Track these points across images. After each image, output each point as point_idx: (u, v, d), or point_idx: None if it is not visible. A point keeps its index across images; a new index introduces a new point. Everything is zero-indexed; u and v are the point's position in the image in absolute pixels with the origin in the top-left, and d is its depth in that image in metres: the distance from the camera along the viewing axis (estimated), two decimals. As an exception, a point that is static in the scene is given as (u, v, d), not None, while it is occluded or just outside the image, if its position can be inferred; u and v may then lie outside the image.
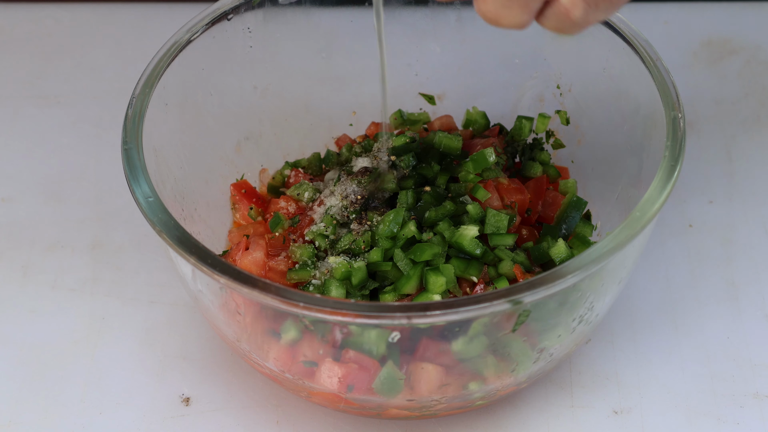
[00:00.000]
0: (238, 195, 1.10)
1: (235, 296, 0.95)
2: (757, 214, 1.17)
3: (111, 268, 1.15)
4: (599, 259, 0.92)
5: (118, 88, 1.27)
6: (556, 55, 1.12)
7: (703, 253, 1.15)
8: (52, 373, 1.08)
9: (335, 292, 0.99)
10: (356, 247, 1.01)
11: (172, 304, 1.12)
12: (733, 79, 1.29)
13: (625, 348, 1.08)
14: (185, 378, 1.07)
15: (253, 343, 0.98)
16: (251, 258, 1.02)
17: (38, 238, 1.17)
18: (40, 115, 1.28)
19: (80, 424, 1.05)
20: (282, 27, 1.12)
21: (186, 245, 0.93)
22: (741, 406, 1.04)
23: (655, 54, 1.03)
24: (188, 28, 1.07)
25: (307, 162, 1.13)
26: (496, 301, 0.89)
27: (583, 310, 0.97)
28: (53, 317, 1.11)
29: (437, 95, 1.17)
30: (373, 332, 0.93)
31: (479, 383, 0.97)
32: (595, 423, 1.04)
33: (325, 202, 1.05)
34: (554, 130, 1.13)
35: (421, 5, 1.14)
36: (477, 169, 1.05)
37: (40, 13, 1.37)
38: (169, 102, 1.05)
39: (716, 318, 1.10)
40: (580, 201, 1.07)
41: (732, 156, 1.22)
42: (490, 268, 1.01)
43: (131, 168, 0.98)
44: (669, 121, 0.99)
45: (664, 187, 0.96)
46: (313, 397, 1.00)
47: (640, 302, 1.11)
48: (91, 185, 1.21)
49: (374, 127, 1.14)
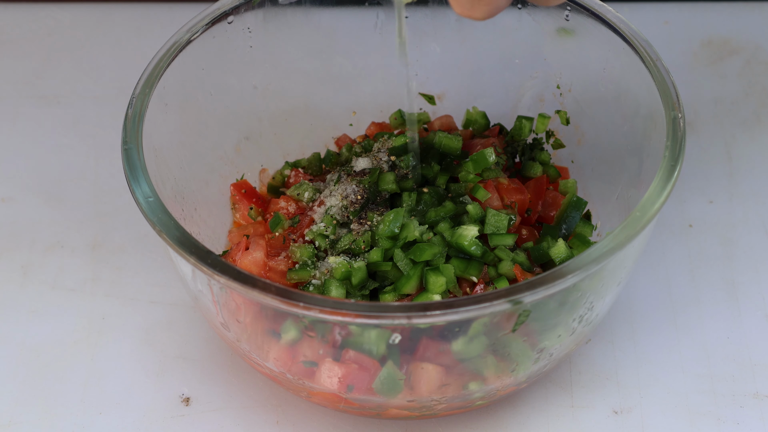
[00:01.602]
0: (238, 195, 1.10)
1: (235, 296, 0.95)
2: (757, 214, 1.17)
3: (111, 268, 1.15)
4: (599, 259, 0.92)
5: (118, 88, 1.27)
6: (556, 55, 1.12)
7: (703, 253, 1.15)
8: (52, 373, 1.08)
9: (335, 292, 0.99)
10: (356, 247, 1.01)
11: (172, 304, 1.12)
12: (733, 79, 1.29)
13: (625, 348, 1.08)
14: (185, 378, 1.07)
15: (253, 343, 0.98)
16: (251, 258, 1.02)
17: (38, 238, 1.17)
18: (40, 115, 1.28)
19: (80, 424, 1.05)
20: (282, 27, 1.12)
21: (186, 245, 0.93)
22: (741, 406, 1.04)
23: (655, 54, 1.03)
24: (188, 28, 1.07)
25: (307, 162, 1.13)
26: (496, 301, 0.89)
27: (583, 310, 0.97)
28: (53, 317, 1.11)
29: (437, 95, 1.17)
30: (373, 332, 0.93)
31: (479, 383, 0.97)
32: (595, 423, 1.04)
33: (325, 202, 1.05)
34: (554, 130, 1.13)
35: (421, 5, 1.14)
36: (477, 169, 1.05)
37: (40, 13, 1.37)
38: (169, 102, 1.05)
39: (716, 318, 1.10)
40: (580, 201, 1.07)
41: (732, 156, 1.22)
42: (490, 268, 1.01)
43: (131, 168, 0.98)
44: (669, 121, 0.99)
45: (664, 187, 0.96)
46: (313, 397, 1.00)
47: (640, 302, 1.11)
48: (91, 185, 1.21)
49: (374, 127, 1.14)
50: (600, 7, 1.06)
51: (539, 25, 1.11)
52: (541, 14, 1.10)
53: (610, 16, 1.06)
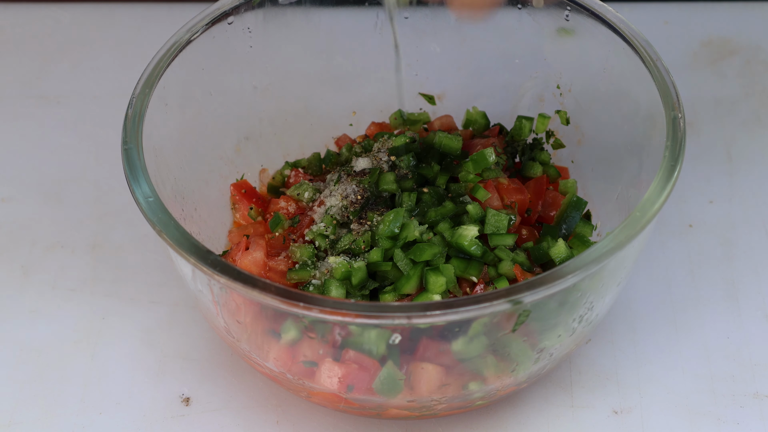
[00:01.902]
0: (238, 195, 1.10)
1: (235, 296, 0.95)
2: (757, 214, 1.17)
3: (111, 268, 1.15)
4: (599, 259, 0.92)
5: (118, 88, 1.27)
6: (556, 55, 1.12)
7: (703, 253, 1.15)
8: (52, 373, 1.08)
9: (335, 292, 0.99)
10: (356, 247, 1.01)
11: (172, 304, 1.12)
12: (733, 79, 1.29)
13: (625, 348, 1.08)
14: (185, 378, 1.07)
15: (253, 343, 0.98)
16: (251, 258, 1.01)
17: (38, 238, 1.17)
18: (40, 115, 1.28)
19: (80, 424, 1.05)
20: (282, 27, 1.12)
21: (186, 245, 0.93)
22: (741, 406, 1.04)
23: (655, 54, 1.03)
24: (188, 28, 1.07)
25: (307, 162, 1.13)
26: (496, 301, 0.89)
27: (583, 310, 0.97)
28: (53, 317, 1.11)
29: (437, 95, 1.17)
30: (373, 332, 0.93)
31: (479, 383, 0.97)
32: (595, 423, 1.04)
33: (325, 202, 1.05)
34: (554, 130, 1.13)
35: (421, 5, 1.14)
36: (477, 169, 1.05)
37: (40, 13, 1.37)
38: (169, 102, 1.05)
39: (716, 318, 1.10)
40: (580, 201, 1.07)
41: (732, 156, 1.22)
42: (490, 268, 1.01)
43: (131, 168, 0.98)
44: (669, 121, 0.99)
45: (664, 187, 0.96)
46: (313, 397, 1.00)
47: (640, 302, 1.11)
48: (91, 185, 1.21)
49: (374, 127, 1.14)
50: (600, 7, 1.06)
51: (539, 25, 1.11)
52: (541, 14, 1.10)
53: (610, 16, 1.06)
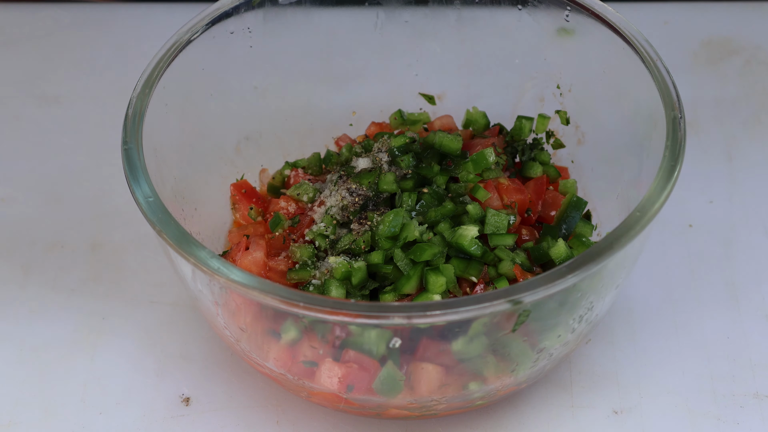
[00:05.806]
0: (238, 195, 1.10)
1: (235, 296, 0.95)
2: (757, 214, 1.17)
3: (111, 268, 1.15)
4: (599, 259, 0.92)
5: (118, 88, 1.27)
6: (556, 55, 1.12)
7: (703, 253, 1.15)
8: (52, 373, 1.08)
9: (335, 292, 0.99)
10: (356, 247, 1.01)
11: (172, 304, 1.12)
12: (733, 79, 1.29)
13: (625, 348, 1.08)
14: (185, 378, 1.07)
15: (253, 343, 0.98)
16: (251, 258, 1.01)
17: (38, 238, 1.17)
18: (40, 115, 1.28)
19: (80, 424, 1.05)
20: (282, 27, 1.12)
21: (186, 245, 0.93)
22: (741, 406, 1.04)
23: (655, 54, 1.03)
24: (188, 28, 1.07)
25: (307, 162, 1.13)
26: (496, 301, 0.89)
27: (583, 310, 0.97)
28: (53, 317, 1.11)
29: (437, 95, 1.17)
30: (373, 332, 0.93)
31: (479, 383, 0.97)
32: (595, 423, 1.04)
33: (325, 202, 1.05)
34: (554, 130, 1.13)
35: (421, 5, 1.14)
36: (477, 169, 1.05)
37: (40, 13, 1.37)
38: (169, 102, 1.05)
39: (716, 318, 1.10)
40: (580, 201, 1.07)
41: (732, 156, 1.22)
42: (490, 268, 1.01)
43: (131, 168, 0.98)
44: (669, 121, 0.99)
45: (664, 187, 0.96)
46: (313, 397, 1.00)
47: (640, 302, 1.11)
48: (91, 185, 1.21)
49: (374, 127, 1.14)
50: (600, 7, 1.06)
51: (539, 25, 1.11)
52: (541, 14, 1.10)
53: (610, 16, 1.06)
